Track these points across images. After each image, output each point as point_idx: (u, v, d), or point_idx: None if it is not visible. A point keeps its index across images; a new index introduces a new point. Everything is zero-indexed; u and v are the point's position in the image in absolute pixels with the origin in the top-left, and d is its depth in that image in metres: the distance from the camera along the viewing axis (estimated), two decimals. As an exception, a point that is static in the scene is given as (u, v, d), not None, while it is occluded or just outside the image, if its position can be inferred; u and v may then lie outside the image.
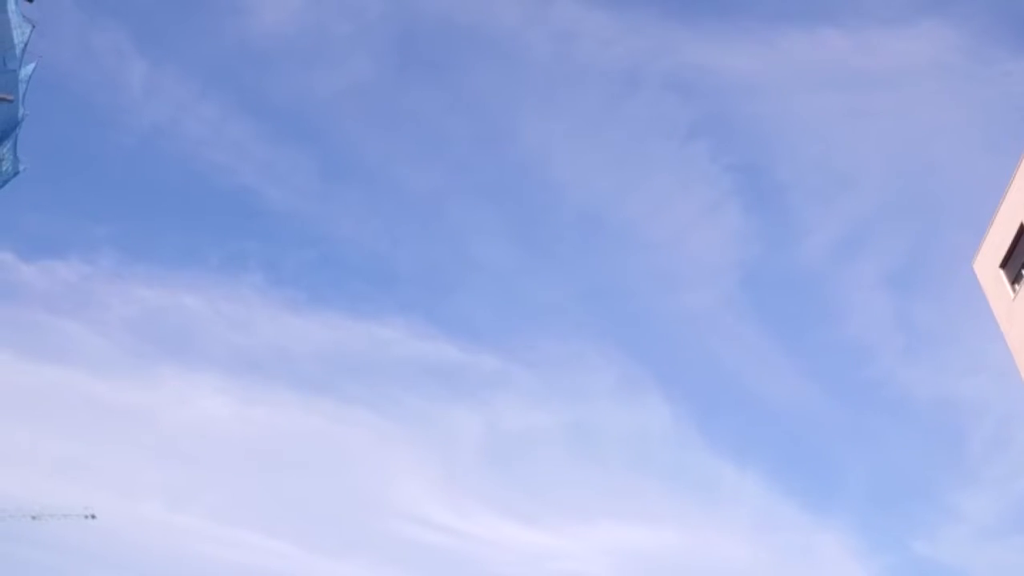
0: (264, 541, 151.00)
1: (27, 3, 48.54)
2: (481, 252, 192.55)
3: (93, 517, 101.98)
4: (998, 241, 36.20)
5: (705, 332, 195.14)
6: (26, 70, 49.03)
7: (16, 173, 51.20)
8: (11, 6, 46.78)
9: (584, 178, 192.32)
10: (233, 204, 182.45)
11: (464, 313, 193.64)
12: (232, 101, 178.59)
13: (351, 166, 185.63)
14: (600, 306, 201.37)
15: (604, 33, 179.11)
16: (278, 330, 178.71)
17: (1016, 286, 35.38)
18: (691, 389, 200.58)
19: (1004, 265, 36.15)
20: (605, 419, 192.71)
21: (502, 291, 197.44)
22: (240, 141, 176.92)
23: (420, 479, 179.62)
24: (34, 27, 48.63)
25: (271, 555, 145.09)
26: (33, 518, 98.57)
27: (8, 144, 49.68)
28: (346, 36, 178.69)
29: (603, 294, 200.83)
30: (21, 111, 49.14)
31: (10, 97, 48.05)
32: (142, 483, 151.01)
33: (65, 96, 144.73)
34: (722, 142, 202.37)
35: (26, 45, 48.57)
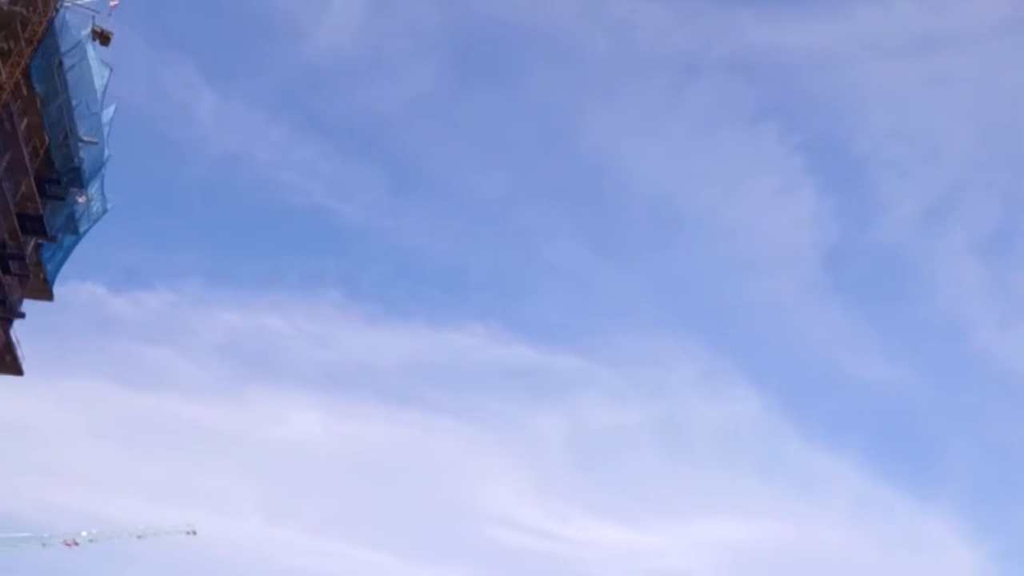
0: (360, 552, 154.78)
1: (103, 47, 50.83)
2: (553, 253, 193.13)
3: (194, 533, 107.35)
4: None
5: (788, 317, 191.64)
6: (107, 112, 51.43)
7: (105, 212, 53.77)
8: (90, 52, 49.07)
9: (651, 170, 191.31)
10: (307, 223, 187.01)
11: (540, 315, 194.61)
12: (299, 123, 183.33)
13: (419, 177, 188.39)
14: (677, 298, 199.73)
15: (660, 22, 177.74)
16: (359, 344, 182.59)
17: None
18: (779, 376, 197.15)
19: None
20: (692, 413, 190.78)
21: (577, 290, 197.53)
22: (309, 161, 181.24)
23: (510, 483, 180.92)
24: (111, 70, 50.99)
25: (368, 565, 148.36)
26: (139, 537, 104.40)
27: (96, 184, 52.17)
28: (404, 50, 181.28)
29: (679, 286, 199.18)
30: (106, 152, 51.54)
31: (95, 140, 50.44)
32: (240, 500, 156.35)
33: (141, 133, 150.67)
34: (791, 121, 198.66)
35: (105, 88, 50.96)
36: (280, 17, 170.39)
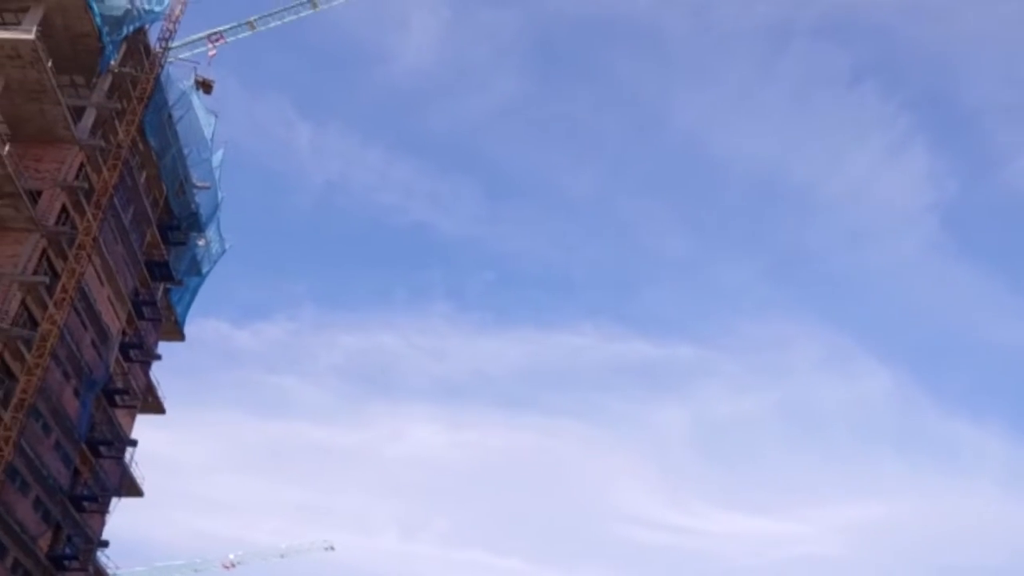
0: (494, 560, 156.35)
1: (206, 96, 53.13)
2: (656, 243, 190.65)
3: (332, 549, 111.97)
4: None
5: (911, 284, 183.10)
6: (217, 157, 53.76)
7: (224, 251, 56.16)
8: (195, 102, 51.35)
9: (748, 147, 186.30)
10: (409, 240, 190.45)
11: (650, 307, 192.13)
12: (392, 144, 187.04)
13: (513, 183, 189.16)
14: (790, 277, 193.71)
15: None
16: (472, 354, 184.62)
17: None
18: (907, 347, 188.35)
19: None
20: (818, 394, 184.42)
21: (685, 279, 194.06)
22: (406, 180, 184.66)
23: (636, 480, 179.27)
24: (217, 117, 53.30)
25: (502, 572, 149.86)
26: (281, 556, 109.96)
27: (213, 226, 54.52)
28: (486, 58, 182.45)
29: (791, 263, 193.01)
30: (219, 195, 53.84)
31: (208, 185, 52.78)
32: (373, 516, 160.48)
33: (247, 171, 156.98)
34: (892, 79, 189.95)
35: (213, 135, 53.23)
36: (364, 44, 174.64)
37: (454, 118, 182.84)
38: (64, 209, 39.41)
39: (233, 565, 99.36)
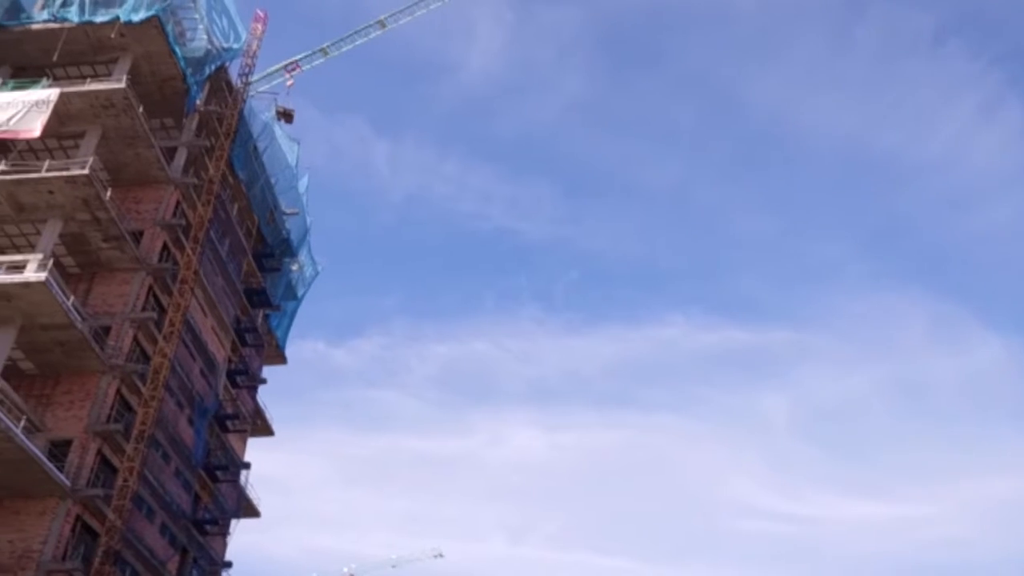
0: (603, 560, 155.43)
1: (287, 124, 54.66)
2: (741, 227, 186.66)
3: (441, 556, 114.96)
4: None
5: (1015, 248, 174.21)
6: (302, 183, 55.27)
7: (317, 274, 57.68)
8: (278, 132, 52.89)
9: (830, 120, 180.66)
10: (492, 247, 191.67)
11: (741, 293, 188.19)
12: (467, 153, 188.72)
13: (591, 180, 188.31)
14: (886, 249, 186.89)
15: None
16: (564, 354, 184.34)
17: None
18: (1017, 314, 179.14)
19: None
20: (927, 368, 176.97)
21: (775, 261, 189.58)
22: (483, 187, 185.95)
23: (742, 471, 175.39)
24: (299, 144, 54.79)
25: (612, 572, 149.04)
26: (393, 567, 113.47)
27: (304, 251, 56.03)
28: (552, 58, 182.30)
29: (887, 235, 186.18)
30: (308, 219, 55.30)
31: (296, 211, 54.29)
32: (480, 522, 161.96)
33: (329, 193, 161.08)
34: (979, 35, 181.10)
35: (297, 161, 54.69)
36: (432, 57, 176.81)
37: (526, 121, 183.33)
38: (165, 246, 41.15)
39: None
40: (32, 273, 32.18)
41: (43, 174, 34.62)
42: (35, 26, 40.51)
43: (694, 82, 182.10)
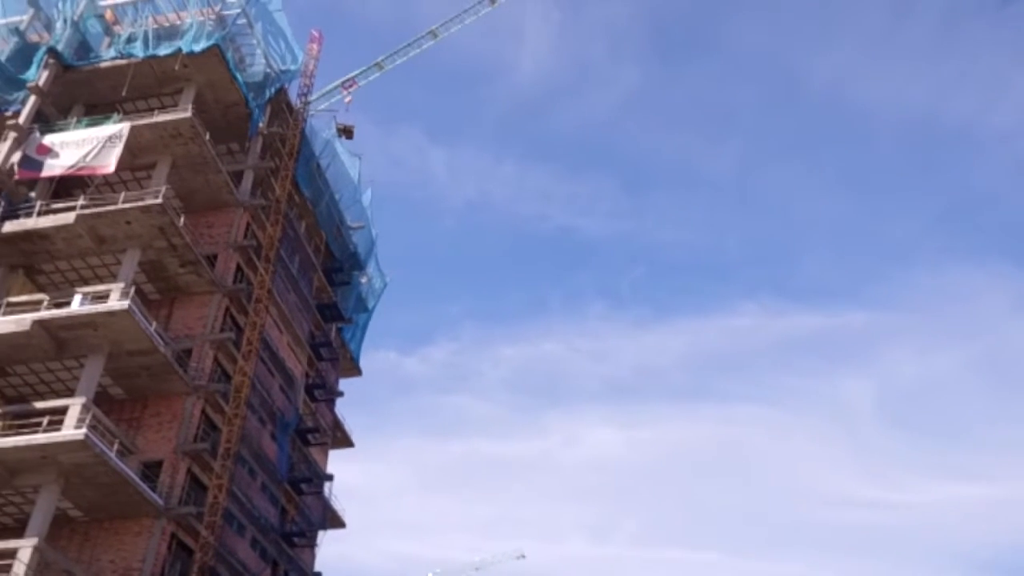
0: (689, 555, 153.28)
1: (348, 140, 55.57)
2: (809, 209, 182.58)
3: (523, 557, 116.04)
4: None
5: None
6: (366, 197, 56.14)
7: (385, 285, 58.52)
8: (339, 148, 53.80)
9: (894, 92, 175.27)
10: (555, 246, 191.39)
11: (814, 276, 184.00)
12: (524, 154, 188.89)
13: (651, 173, 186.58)
14: (964, 222, 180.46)
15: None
16: (635, 350, 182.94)
17: None
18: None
19: None
20: (1015, 342, 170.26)
21: (846, 241, 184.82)
22: (542, 187, 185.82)
23: (827, 458, 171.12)
24: (360, 158, 55.65)
25: (698, 567, 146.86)
26: (476, 569, 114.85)
27: (372, 263, 56.88)
28: (603, 52, 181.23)
29: (963, 207, 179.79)
30: (373, 232, 56.12)
31: (362, 224, 55.13)
32: (561, 523, 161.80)
33: (391, 204, 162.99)
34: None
35: (359, 175, 55.54)
36: (483, 61, 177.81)
37: (581, 117, 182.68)
38: (239, 268, 42.23)
39: None
40: (115, 302, 33.39)
41: (120, 206, 35.88)
42: (103, 64, 42.04)
43: (749, 64, 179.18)
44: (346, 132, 54.83)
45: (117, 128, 38.35)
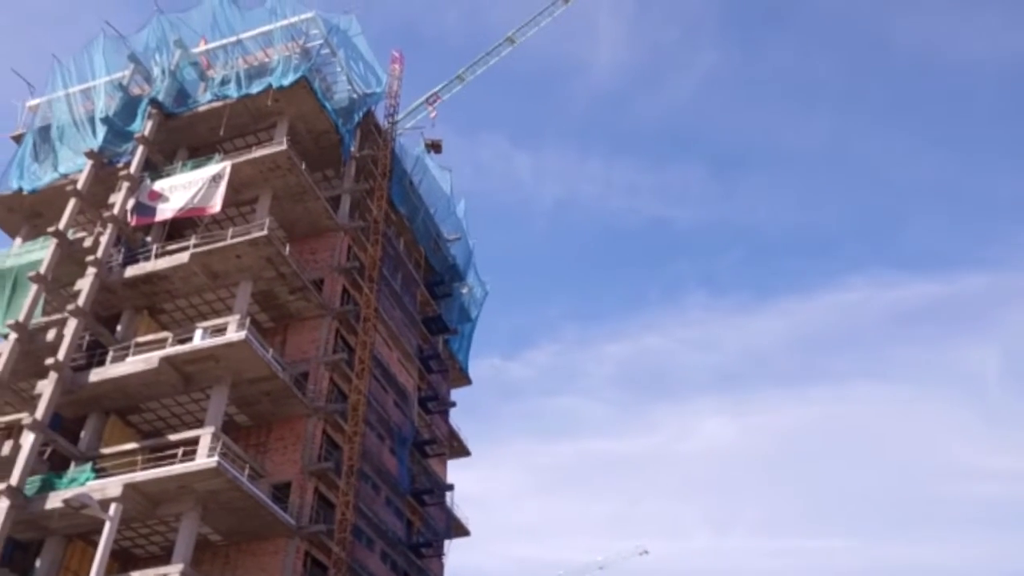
0: (817, 542, 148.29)
1: (437, 154, 56.35)
2: (909, 174, 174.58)
3: (646, 552, 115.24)
4: None
5: None
6: (460, 208, 56.79)
7: (486, 293, 59.03)
8: (429, 163, 54.62)
9: (989, 42, 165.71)
10: (648, 238, 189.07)
11: (923, 243, 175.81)
12: (607, 149, 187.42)
13: (739, 154, 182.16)
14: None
15: None
16: (739, 336, 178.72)
17: None
18: None
19: None
20: None
21: (953, 203, 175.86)
22: (630, 180, 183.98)
23: (956, 431, 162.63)
24: (451, 171, 56.34)
25: (825, 553, 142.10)
26: (600, 568, 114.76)
27: (471, 273, 57.50)
28: (679, 38, 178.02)
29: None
30: (470, 242, 56.73)
31: (458, 235, 55.81)
32: (680, 517, 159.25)
33: (482, 212, 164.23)
34: None
35: (451, 188, 56.20)
36: (558, 60, 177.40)
37: (662, 106, 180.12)
38: (344, 290, 43.40)
39: None
40: (233, 334, 34.80)
41: (229, 241, 37.41)
42: (201, 108, 43.95)
43: (829, 32, 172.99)
44: (435, 147, 55.70)
45: (219, 167, 40.02)
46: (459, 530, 52.59)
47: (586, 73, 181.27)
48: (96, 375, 35.65)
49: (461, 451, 56.74)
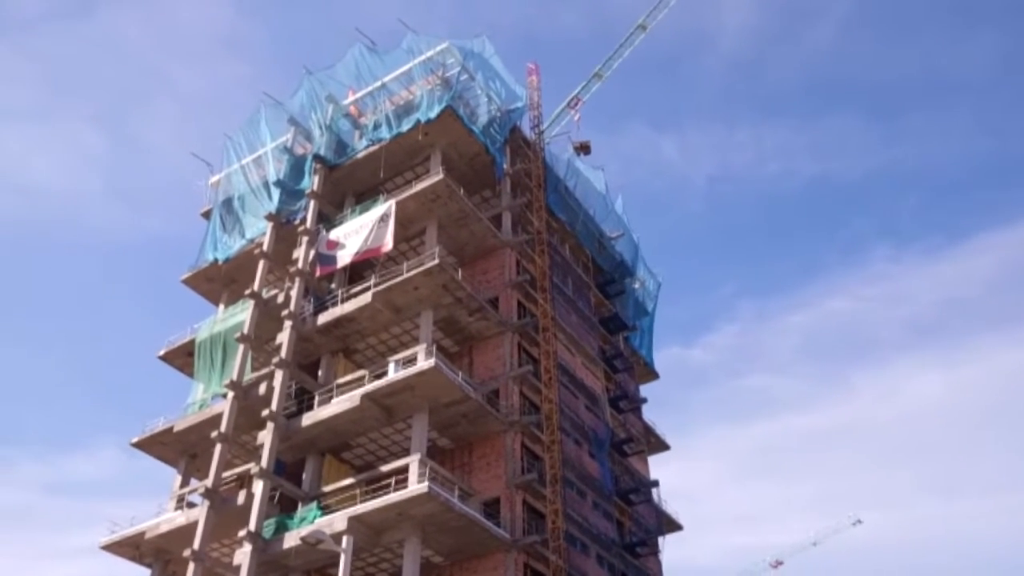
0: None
1: (586, 156, 56.34)
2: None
3: (859, 522, 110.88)
4: None
5: None
6: (618, 205, 56.50)
7: (659, 285, 58.29)
8: (580, 166, 54.73)
9: None
10: (813, 199, 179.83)
11: None
12: (749, 114, 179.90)
13: (893, 95, 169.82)
14: None
15: None
16: (933, 284, 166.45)
17: None
18: None
19: None
20: None
21: None
22: (781, 143, 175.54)
23: None
24: (603, 170, 56.11)
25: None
26: (814, 544, 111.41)
27: (640, 266, 56.99)
28: (811, 7, 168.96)
29: None
30: (635, 237, 56.30)
31: (621, 232, 55.54)
32: (897, 486, 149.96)
33: (637, 202, 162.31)
34: None
35: (606, 186, 56.01)
36: (685, 36, 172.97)
37: (802, 59, 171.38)
38: (519, 304, 44.16)
39: (779, 563, 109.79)
40: (423, 362, 36.22)
41: (405, 275, 39.03)
42: (360, 155, 46.23)
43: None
44: (583, 149, 55.81)
45: (385, 207, 41.90)
46: (671, 525, 52.04)
47: (716, 44, 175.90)
48: (308, 419, 38.13)
49: (660, 446, 56.20)
